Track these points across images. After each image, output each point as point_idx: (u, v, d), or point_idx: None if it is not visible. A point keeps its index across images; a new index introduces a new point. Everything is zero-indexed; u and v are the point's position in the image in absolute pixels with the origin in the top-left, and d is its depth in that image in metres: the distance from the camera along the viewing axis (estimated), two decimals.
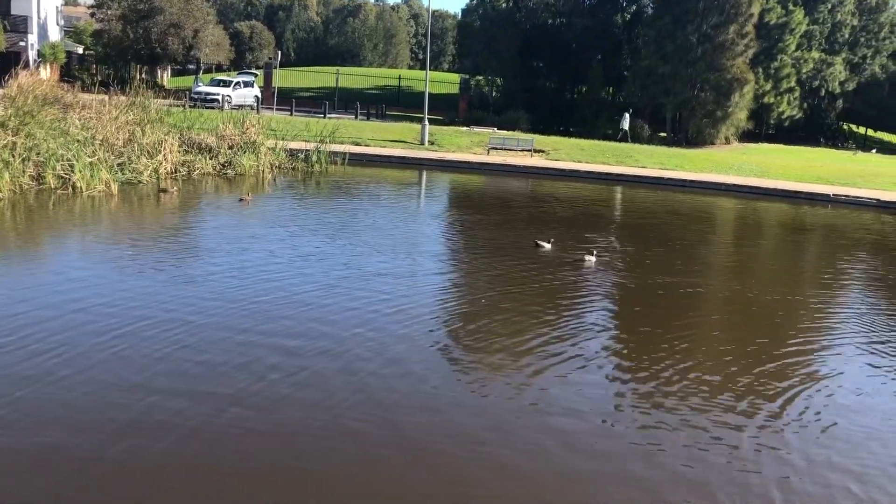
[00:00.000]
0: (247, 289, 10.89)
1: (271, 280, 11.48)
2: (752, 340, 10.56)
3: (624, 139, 43.76)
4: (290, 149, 26.37)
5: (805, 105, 56.64)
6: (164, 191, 19.07)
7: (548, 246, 15.24)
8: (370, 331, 9.47)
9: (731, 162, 35.51)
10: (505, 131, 40.45)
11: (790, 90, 53.36)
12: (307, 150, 26.56)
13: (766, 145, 51.56)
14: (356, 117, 44.55)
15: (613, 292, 12.73)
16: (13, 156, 17.45)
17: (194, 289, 10.83)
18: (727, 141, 49.77)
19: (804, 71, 53.89)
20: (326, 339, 9.05)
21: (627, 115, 46.36)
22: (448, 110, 52.51)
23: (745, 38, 46.93)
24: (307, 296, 10.77)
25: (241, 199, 18.69)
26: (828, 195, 28.38)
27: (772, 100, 52.67)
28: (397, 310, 10.47)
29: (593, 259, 14.37)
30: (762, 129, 55.78)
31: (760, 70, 50.35)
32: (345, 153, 27.79)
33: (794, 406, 8.22)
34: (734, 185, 29.89)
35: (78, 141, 19.24)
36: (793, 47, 52.50)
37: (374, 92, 61.13)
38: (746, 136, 52.14)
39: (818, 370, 9.51)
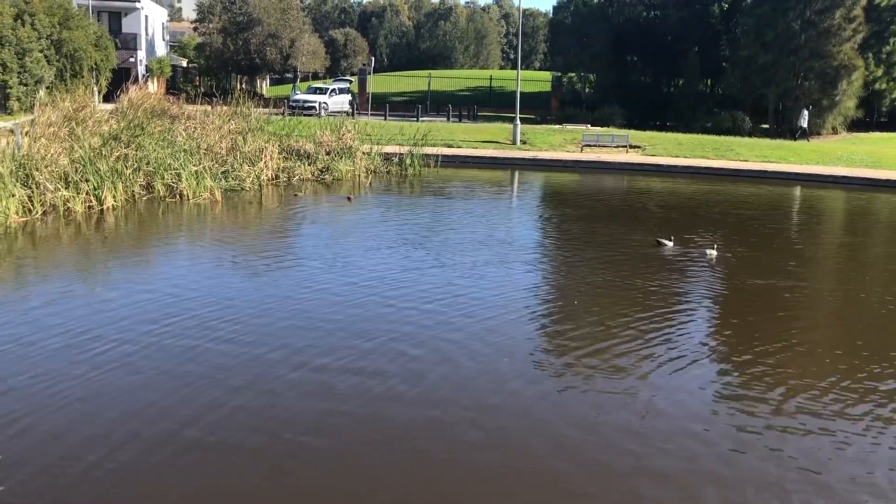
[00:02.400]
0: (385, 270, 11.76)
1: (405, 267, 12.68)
2: (871, 344, 10.07)
3: (803, 136, 41.34)
4: (385, 153, 26.74)
5: None
6: (296, 195, 20.91)
7: (669, 244, 15.23)
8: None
9: (839, 153, 33.83)
10: (599, 128, 39.81)
11: None
12: (401, 154, 26.90)
13: (877, 134, 48.87)
14: (448, 119, 44.79)
15: (735, 289, 12.59)
16: (126, 166, 18.40)
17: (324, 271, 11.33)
18: (835, 131, 47.39)
19: None
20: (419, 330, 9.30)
21: (806, 112, 42.84)
22: (540, 109, 52.10)
23: (852, 22, 44.53)
24: (402, 278, 11.19)
25: (348, 198, 20.58)
26: None
27: (884, 86, 49.82)
28: (547, 305, 10.68)
29: (714, 253, 14.55)
30: (873, 117, 52.85)
31: (870, 55, 47.63)
32: (437, 155, 27.97)
33: None
34: (844, 176, 28.47)
35: (184, 150, 20.14)
36: None
37: (465, 94, 61.33)
38: (856, 126, 49.48)
39: None
